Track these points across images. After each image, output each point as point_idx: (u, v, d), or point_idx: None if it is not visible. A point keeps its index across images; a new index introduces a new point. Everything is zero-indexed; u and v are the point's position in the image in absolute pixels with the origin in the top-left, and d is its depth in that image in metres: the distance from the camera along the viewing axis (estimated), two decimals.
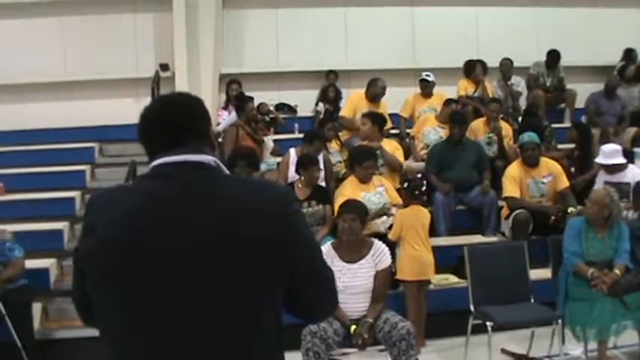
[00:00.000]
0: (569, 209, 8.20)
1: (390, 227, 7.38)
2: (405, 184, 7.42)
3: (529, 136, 8.71)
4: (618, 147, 8.62)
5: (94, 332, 2.26)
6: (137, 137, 2.29)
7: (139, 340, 2.05)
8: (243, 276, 2.07)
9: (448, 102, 10.32)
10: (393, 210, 7.80)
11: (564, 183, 8.59)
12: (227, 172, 2.28)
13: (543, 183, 8.57)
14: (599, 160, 8.57)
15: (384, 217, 7.79)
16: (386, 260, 5.99)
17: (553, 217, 8.23)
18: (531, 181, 8.55)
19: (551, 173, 8.59)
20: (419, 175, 8.44)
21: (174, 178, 2.15)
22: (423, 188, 7.35)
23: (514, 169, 8.66)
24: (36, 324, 7.25)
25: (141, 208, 2.11)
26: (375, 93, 10.22)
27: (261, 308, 2.11)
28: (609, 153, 8.44)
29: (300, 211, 2.37)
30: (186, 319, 2.03)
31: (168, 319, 2.03)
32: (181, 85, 11.75)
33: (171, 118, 2.27)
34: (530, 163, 8.58)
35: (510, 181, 8.56)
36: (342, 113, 10.53)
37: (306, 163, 8.04)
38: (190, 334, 2.02)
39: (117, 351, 2.10)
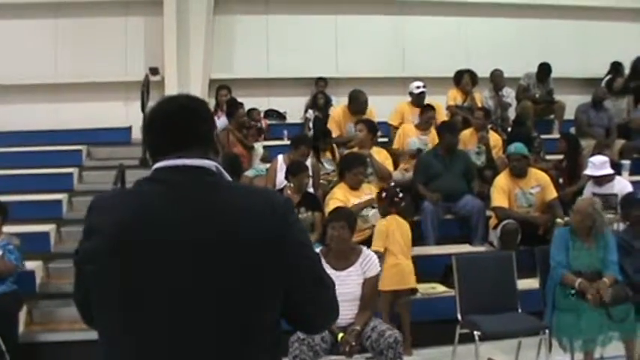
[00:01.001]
0: (557, 220, 8.23)
1: None
2: (383, 194, 7.41)
3: (515, 147, 8.75)
4: (606, 158, 8.68)
5: (78, 336, 2.27)
6: (142, 135, 2.29)
7: (134, 340, 2.06)
8: (240, 280, 2.07)
9: (425, 109, 10.28)
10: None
11: (552, 194, 8.60)
12: (228, 178, 2.27)
13: (531, 194, 8.58)
14: (588, 171, 8.61)
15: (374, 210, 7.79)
16: (374, 268, 5.99)
17: (542, 229, 8.24)
18: (519, 191, 8.57)
19: (540, 184, 8.60)
20: (392, 184, 8.46)
21: (174, 182, 2.16)
22: (400, 195, 7.36)
23: (502, 180, 8.67)
24: (20, 327, 7.22)
25: (140, 213, 2.12)
26: (356, 108, 10.20)
27: (260, 313, 2.11)
28: (598, 164, 8.50)
29: (300, 221, 2.38)
30: (184, 321, 2.03)
31: (166, 320, 2.04)
32: (171, 90, 11.71)
33: (178, 121, 2.26)
34: (517, 173, 8.60)
35: (499, 192, 8.57)
36: (331, 132, 10.41)
37: (295, 170, 8.05)
38: (188, 334, 2.03)
39: (114, 351, 2.10)
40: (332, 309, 2.37)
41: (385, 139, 10.66)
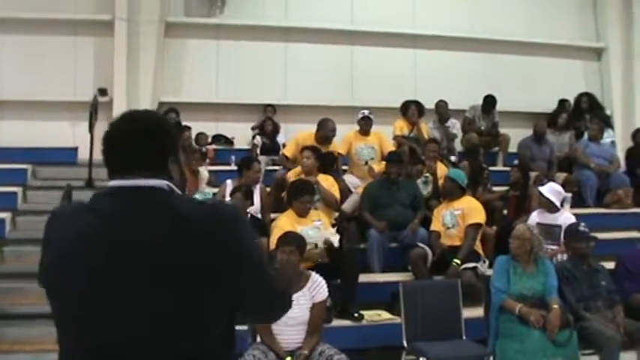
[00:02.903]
0: (454, 261, 8.22)
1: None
2: None
3: (452, 172, 9.24)
4: (561, 190, 8.89)
5: (20, 358, 2.32)
6: (101, 151, 2.32)
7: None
8: (195, 290, 2.14)
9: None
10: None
11: (473, 219, 8.62)
12: (180, 193, 2.33)
13: (454, 215, 8.71)
14: (543, 189, 8.74)
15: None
16: (323, 293, 6.02)
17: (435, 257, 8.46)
18: (447, 212, 8.76)
19: (463, 208, 8.72)
20: None
21: (127, 199, 2.22)
22: None
23: (440, 205, 8.98)
24: None
25: (92, 228, 2.18)
26: (324, 135, 10.19)
27: (212, 320, 2.20)
28: (556, 191, 8.70)
29: (251, 230, 2.43)
30: (143, 328, 2.12)
31: (126, 328, 2.12)
32: (119, 111, 11.36)
33: (131, 144, 2.30)
34: (444, 193, 9.00)
35: (435, 216, 8.88)
36: (285, 153, 10.50)
37: (230, 193, 8.30)
38: (146, 338, 2.12)
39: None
40: (283, 307, 2.50)
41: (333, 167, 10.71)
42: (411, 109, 11.62)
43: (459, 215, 8.64)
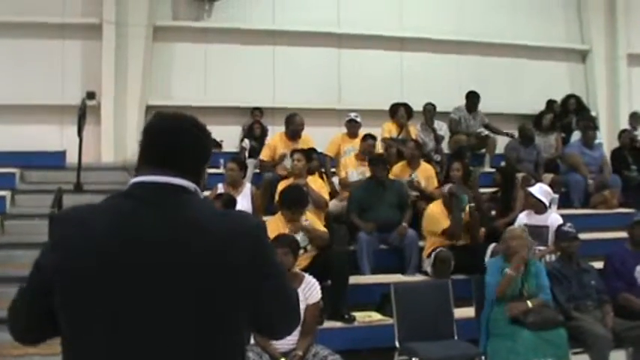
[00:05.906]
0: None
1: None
2: None
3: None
4: (550, 191, 8.98)
5: None
6: (142, 140, 2.33)
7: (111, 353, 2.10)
8: (215, 300, 2.13)
9: (365, 137, 10.38)
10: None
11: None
12: (204, 198, 2.33)
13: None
14: (534, 190, 8.83)
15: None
16: (316, 295, 6.07)
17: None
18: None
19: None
20: None
21: (150, 199, 2.19)
22: None
23: (437, 206, 9.00)
24: None
25: (114, 230, 2.14)
26: (294, 130, 10.31)
27: (232, 329, 2.19)
28: (546, 192, 8.79)
29: (270, 241, 2.45)
30: (162, 338, 2.09)
31: (143, 337, 2.09)
32: (107, 115, 11.71)
33: (183, 137, 2.31)
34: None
35: (437, 218, 8.91)
36: (262, 157, 10.58)
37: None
38: (165, 347, 2.09)
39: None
40: (295, 321, 2.46)
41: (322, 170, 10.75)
42: (400, 112, 11.68)
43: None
